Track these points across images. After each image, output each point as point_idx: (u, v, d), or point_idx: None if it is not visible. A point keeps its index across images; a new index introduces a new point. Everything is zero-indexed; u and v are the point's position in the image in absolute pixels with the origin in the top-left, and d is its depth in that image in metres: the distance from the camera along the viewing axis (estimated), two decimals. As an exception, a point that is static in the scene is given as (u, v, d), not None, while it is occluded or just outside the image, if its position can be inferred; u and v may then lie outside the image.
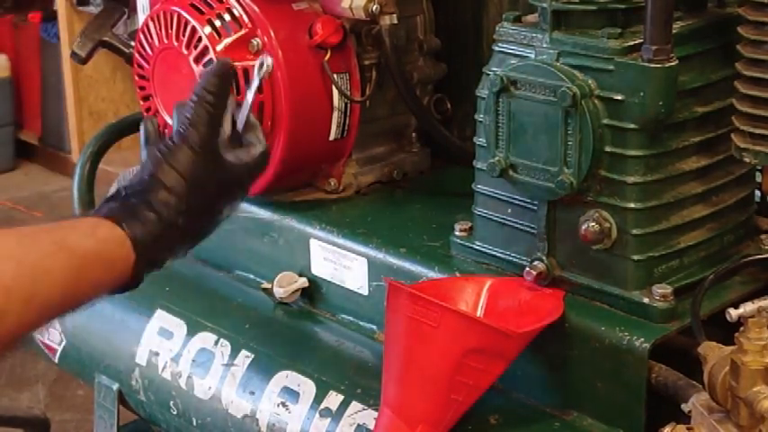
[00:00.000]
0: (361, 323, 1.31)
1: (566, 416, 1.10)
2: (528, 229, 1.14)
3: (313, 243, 1.33)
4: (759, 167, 1.12)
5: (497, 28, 1.14)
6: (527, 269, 1.13)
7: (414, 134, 1.46)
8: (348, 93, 1.34)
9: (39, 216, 3.78)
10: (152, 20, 1.34)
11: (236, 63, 1.28)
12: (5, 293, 0.89)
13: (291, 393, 1.24)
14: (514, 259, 1.16)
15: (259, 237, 1.40)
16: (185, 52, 1.30)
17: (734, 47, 1.05)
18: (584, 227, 1.08)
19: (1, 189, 4.15)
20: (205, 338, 1.35)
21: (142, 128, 1.08)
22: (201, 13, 1.30)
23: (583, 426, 1.09)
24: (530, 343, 1.07)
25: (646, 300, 1.07)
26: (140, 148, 1.08)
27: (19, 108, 4.34)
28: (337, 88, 1.32)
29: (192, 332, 1.37)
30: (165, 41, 1.32)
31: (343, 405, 1.19)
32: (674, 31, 1.03)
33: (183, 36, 1.30)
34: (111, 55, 1.54)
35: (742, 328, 0.90)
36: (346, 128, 1.36)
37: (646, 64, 1.02)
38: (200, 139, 1.02)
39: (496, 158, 1.12)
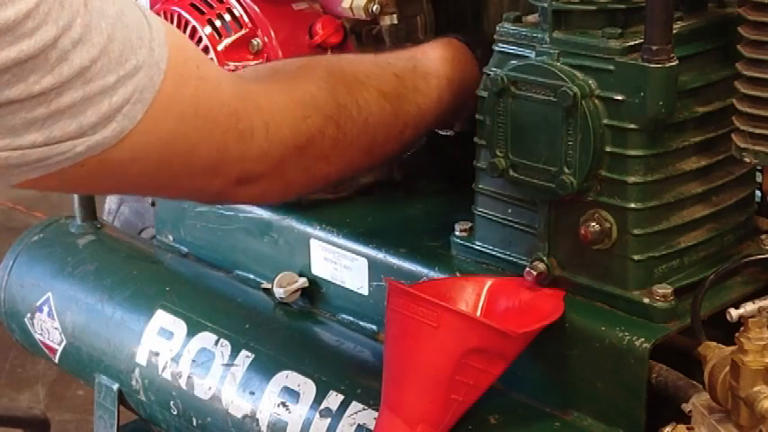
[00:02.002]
0: (361, 323, 1.31)
1: (566, 416, 1.10)
2: (528, 230, 1.14)
3: (313, 243, 1.33)
4: (759, 167, 1.12)
5: (498, 28, 1.15)
6: (527, 269, 1.13)
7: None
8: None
9: (39, 216, 3.78)
10: (152, 20, 1.33)
11: (237, 63, 1.28)
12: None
13: (291, 393, 1.24)
14: (515, 259, 1.16)
15: (259, 237, 1.40)
16: (185, 52, 1.30)
17: (734, 47, 1.05)
18: (584, 227, 1.08)
19: (0, 189, 4.15)
20: (205, 338, 1.35)
21: None
22: (202, 13, 1.30)
23: (583, 426, 1.09)
24: (530, 343, 1.07)
25: (646, 300, 1.07)
26: None
27: (19, 108, 4.33)
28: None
29: (192, 332, 1.37)
30: (166, 41, 1.32)
31: (344, 405, 1.19)
32: (674, 31, 1.03)
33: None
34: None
35: (742, 328, 0.90)
36: (346, 128, 1.36)
37: (646, 64, 1.02)
38: None
39: (497, 158, 1.12)
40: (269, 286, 1.37)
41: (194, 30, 1.29)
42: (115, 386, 1.46)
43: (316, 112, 1.05)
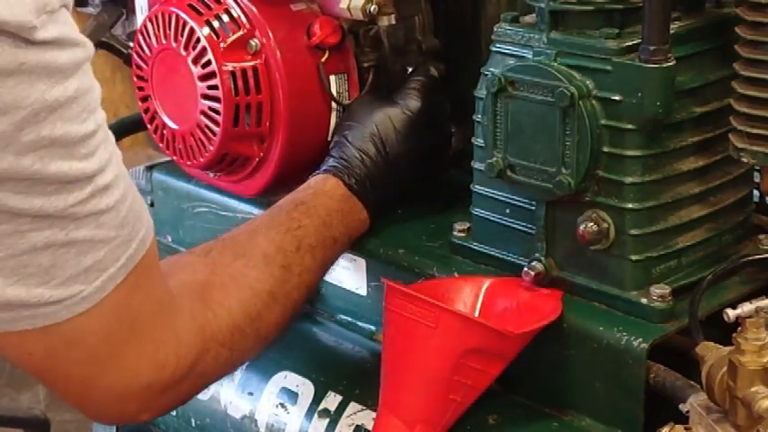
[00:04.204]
0: (359, 323, 1.31)
1: (564, 416, 1.10)
2: (526, 230, 1.14)
3: (312, 243, 1.33)
4: (757, 167, 1.12)
5: (495, 28, 1.15)
6: (525, 269, 1.13)
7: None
8: (346, 94, 1.34)
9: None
10: (150, 21, 1.33)
11: (235, 64, 1.28)
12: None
13: (290, 394, 1.24)
14: (513, 260, 1.16)
15: (258, 237, 1.40)
16: (184, 53, 1.30)
17: (732, 47, 1.05)
18: (582, 227, 1.08)
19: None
20: (204, 339, 1.35)
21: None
22: (200, 13, 1.29)
23: (581, 426, 1.09)
24: (528, 343, 1.07)
25: (644, 300, 1.07)
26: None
27: (19, 108, 4.32)
28: (328, 93, 1.32)
29: (190, 333, 1.37)
30: (164, 42, 1.32)
31: (342, 406, 1.20)
32: (671, 32, 1.03)
33: (182, 37, 1.30)
34: (111, 56, 1.54)
35: (740, 329, 0.91)
36: (345, 128, 1.36)
37: (643, 64, 1.02)
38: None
39: (494, 159, 1.12)
40: (268, 287, 1.37)
41: (192, 30, 1.29)
42: (114, 387, 1.46)
43: (215, 343, 1.04)
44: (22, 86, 0.80)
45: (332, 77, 1.33)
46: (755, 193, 1.18)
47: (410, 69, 1.35)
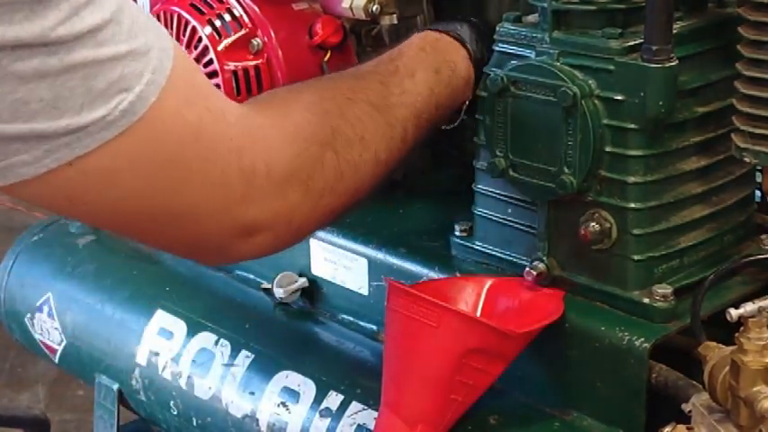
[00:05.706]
0: (361, 323, 1.31)
1: (565, 416, 1.10)
2: (528, 230, 1.14)
3: (313, 243, 1.33)
4: (759, 167, 1.12)
5: (498, 28, 1.15)
6: (527, 269, 1.13)
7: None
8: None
9: (39, 217, 3.78)
10: (152, 20, 1.33)
11: (237, 63, 1.28)
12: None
13: (291, 393, 1.24)
14: (514, 259, 1.16)
15: (259, 237, 1.40)
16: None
17: (734, 47, 1.05)
18: (584, 227, 1.08)
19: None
20: (205, 338, 1.36)
21: None
22: (202, 13, 1.30)
23: (582, 426, 1.09)
24: (530, 343, 1.07)
25: (646, 300, 1.07)
26: None
27: (19, 108, 4.32)
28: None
29: (192, 332, 1.37)
30: (166, 41, 1.32)
31: (344, 405, 1.19)
32: (674, 31, 1.03)
33: (184, 36, 1.30)
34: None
35: (742, 328, 0.90)
36: (346, 128, 1.36)
37: (646, 64, 1.02)
38: None
39: (497, 158, 1.12)
40: (269, 286, 1.37)
41: (194, 30, 1.29)
42: (115, 386, 1.46)
43: (311, 142, 0.99)
44: None
45: (331, 78, 1.33)
46: (757, 193, 1.19)
47: None
